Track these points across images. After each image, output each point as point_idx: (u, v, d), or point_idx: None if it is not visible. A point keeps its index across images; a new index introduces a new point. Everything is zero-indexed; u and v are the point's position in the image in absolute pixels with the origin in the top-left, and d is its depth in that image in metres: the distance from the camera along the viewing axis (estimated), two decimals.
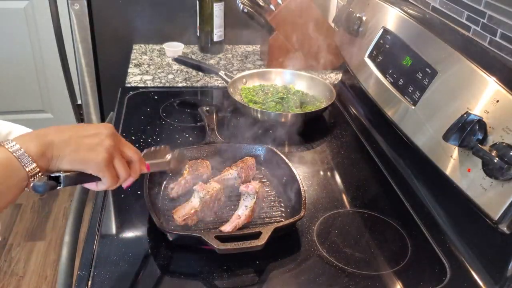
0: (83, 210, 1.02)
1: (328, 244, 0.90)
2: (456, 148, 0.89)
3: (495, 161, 0.77)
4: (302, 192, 0.94)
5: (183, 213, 0.88)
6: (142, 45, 1.85)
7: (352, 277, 0.83)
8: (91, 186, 0.75)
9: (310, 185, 1.08)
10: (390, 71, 1.19)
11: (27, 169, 0.64)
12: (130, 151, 0.75)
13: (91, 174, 0.70)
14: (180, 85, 1.54)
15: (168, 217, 0.91)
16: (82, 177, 0.71)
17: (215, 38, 1.78)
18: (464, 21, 1.08)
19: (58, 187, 0.69)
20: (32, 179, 0.65)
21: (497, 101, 0.83)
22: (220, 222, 0.92)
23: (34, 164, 0.64)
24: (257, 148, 1.11)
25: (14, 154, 0.63)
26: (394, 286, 0.84)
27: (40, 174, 0.65)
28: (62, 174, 0.68)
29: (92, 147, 0.70)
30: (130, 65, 1.66)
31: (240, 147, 1.11)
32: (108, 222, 0.92)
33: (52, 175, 0.68)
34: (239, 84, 1.45)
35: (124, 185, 0.76)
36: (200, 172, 1.00)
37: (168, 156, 0.87)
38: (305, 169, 1.15)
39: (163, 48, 1.77)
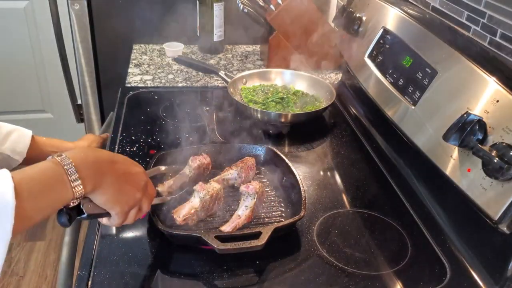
0: None
1: (328, 244, 0.90)
2: (456, 148, 0.89)
3: (495, 161, 0.77)
4: (302, 192, 0.94)
5: (183, 213, 0.88)
6: (142, 45, 1.85)
7: (352, 277, 0.83)
8: (103, 221, 0.77)
9: (310, 185, 1.08)
10: (390, 71, 1.19)
11: (74, 191, 0.64)
12: (146, 204, 0.79)
13: (106, 213, 0.73)
14: (180, 85, 1.54)
15: (168, 217, 0.91)
16: (99, 214, 0.73)
17: (215, 38, 1.78)
18: (464, 21, 1.08)
19: (74, 220, 0.70)
20: (73, 201, 0.65)
21: (497, 101, 0.83)
22: (220, 222, 0.92)
23: (82, 188, 0.64)
24: (257, 148, 1.11)
25: (66, 171, 0.63)
26: (394, 286, 0.84)
27: (82, 195, 0.66)
28: (86, 214, 0.69)
29: (128, 194, 0.73)
30: (130, 65, 1.66)
31: (240, 147, 1.11)
32: None
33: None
34: (239, 84, 1.45)
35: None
36: (201, 164, 1.01)
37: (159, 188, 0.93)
38: (305, 169, 1.15)
39: (163, 48, 1.77)
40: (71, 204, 0.66)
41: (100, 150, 0.74)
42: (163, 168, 0.97)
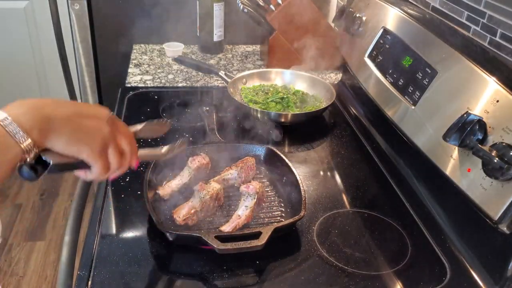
0: (83, 210, 1.02)
1: (328, 244, 0.90)
2: (456, 148, 0.89)
3: (495, 161, 0.77)
4: (302, 192, 0.94)
5: (183, 213, 0.88)
6: (142, 45, 1.85)
7: (352, 277, 0.83)
8: (79, 174, 0.70)
9: (310, 185, 1.08)
10: (390, 71, 1.19)
11: (22, 146, 0.58)
12: (125, 141, 0.71)
13: (81, 161, 0.65)
14: (180, 85, 1.54)
15: (168, 217, 0.91)
16: (71, 165, 0.66)
17: (215, 38, 1.78)
18: (464, 21, 1.08)
19: (43, 174, 0.63)
20: (27, 155, 0.59)
21: (497, 101, 0.83)
22: (220, 222, 0.92)
23: (30, 140, 0.58)
24: (257, 148, 1.11)
25: (6, 128, 0.57)
26: (394, 286, 0.84)
27: (36, 150, 0.60)
28: (51, 161, 0.62)
29: (90, 130, 0.65)
30: (130, 65, 1.66)
31: (240, 147, 1.11)
32: (108, 222, 0.92)
33: (36, 161, 0.62)
34: (239, 84, 1.45)
35: (111, 177, 0.72)
36: (201, 164, 1.01)
37: (164, 148, 0.84)
38: (305, 169, 1.15)
39: (163, 48, 1.77)
40: (27, 159, 0.60)
41: (39, 99, 0.65)
42: (139, 127, 0.85)
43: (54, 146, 0.62)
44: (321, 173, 1.16)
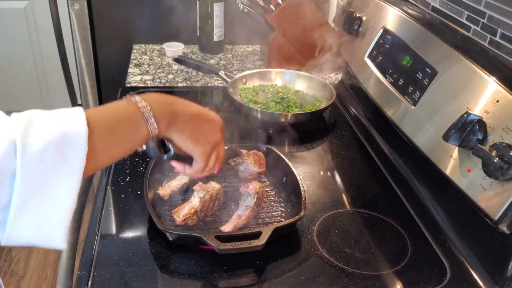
0: (83, 210, 1.02)
1: (328, 244, 0.90)
2: (456, 148, 0.89)
3: (495, 161, 0.77)
4: (302, 192, 0.94)
5: (183, 213, 0.88)
6: (142, 45, 1.85)
7: (352, 277, 0.83)
8: (178, 167, 0.79)
9: (310, 185, 1.08)
10: (390, 71, 1.19)
11: (150, 128, 0.65)
12: (222, 149, 0.80)
13: (189, 157, 0.75)
14: (180, 85, 1.54)
15: (168, 217, 0.91)
16: (182, 157, 0.76)
17: (215, 38, 1.78)
18: (464, 21, 1.08)
19: (164, 157, 0.73)
20: (151, 138, 0.67)
21: (497, 101, 0.83)
22: (220, 222, 0.92)
23: (156, 127, 0.66)
24: (257, 148, 1.11)
25: (141, 109, 0.65)
26: (394, 286, 0.84)
27: (156, 137, 0.68)
28: (172, 149, 0.72)
29: (207, 134, 0.74)
30: (130, 65, 1.66)
31: (240, 147, 1.11)
32: (108, 222, 0.92)
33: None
34: (239, 84, 1.45)
35: (200, 176, 0.84)
36: None
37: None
38: (305, 169, 1.15)
39: (163, 48, 1.77)
40: (154, 139, 0.68)
41: (168, 95, 0.74)
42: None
43: (174, 138, 0.71)
44: (321, 173, 1.16)
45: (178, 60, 1.59)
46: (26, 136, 0.54)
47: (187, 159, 0.76)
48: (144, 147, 0.72)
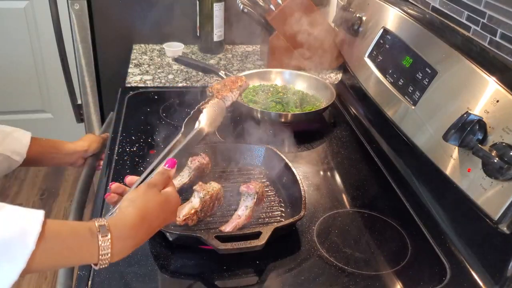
0: (83, 210, 1.02)
1: (328, 244, 0.90)
2: (456, 148, 0.89)
3: (495, 161, 0.77)
4: (302, 192, 0.94)
5: (183, 213, 0.88)
6: (142, 45, 1.85)
7: (352, 277, 0.83)
8: None
9: (310, 185, 1.08)
10: (390, 71, 1.19)
11: (99, 263, 0.63)
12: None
13: None
14: (180, 85, 1.54)
15: None
16: None
17: (215, 38, 1.77)
18: (464, 21, 1.08)
19: None
20: (95, 266, 0.65)
21: (497, 101, 0.83)
22: (220, 222, 0.92)
23: (107, 262, 0.64)
24: (257, 148, 1.11)
25: (100, 250, 0.62)
26: (394, 286, 0.84)
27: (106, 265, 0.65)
28: None
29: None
30: (130, 65, 1.66)
31: (240, 147, 1.11)
32: None
33: None
34: None
35: None
36: (201, 164, 1.01)
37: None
38: (305, 169, 1.15)
39: (163, 48, 1.77)
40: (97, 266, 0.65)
41: (142, 205, 0.70)
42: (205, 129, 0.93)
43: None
44: (321, 173, 1.16)
45: (178, 60, 1.59)
46: None
47: None
48: None
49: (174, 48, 1.74)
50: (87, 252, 0.62)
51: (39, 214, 0.57)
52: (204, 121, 0.93)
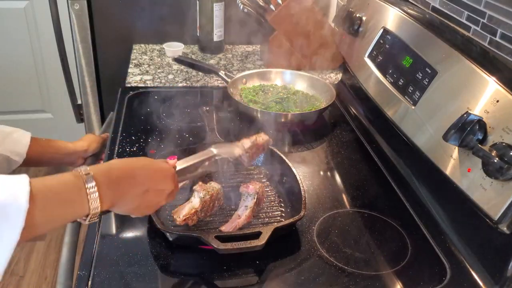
0: None
1: (328, 244, 0.90)
2: (456, 148, 0.89)
3: (495, 161, 0.77)
4: (302, 192, 0.94)
5: (183, 213, 0.88)
6: (142, 45, 1.85)
7: (352, 277, 0.83)
8: None
9: (310, 185, 1.08)
10: (390, 71, 1.19)
11: (90, 207, 0.65)
12: (171, 199, 0.81)
13: None
14: (180, 85, 1.54)
15: (168, 217, 0.91)
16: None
17: (215, 38, 1.78)
18: (464, 21, 1.08)
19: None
20: (87, 218, 0.66)
21: (497, 101, 0.83)
22: (220, 222, 0.92)
23: (99, 205, 0.65)
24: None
25: (87, 189, 0.64)
26: (394, 286, 0.84)
27: (96, 218, 0.67)
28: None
29: (150, 205, 0.76)
30: (130, 65, 1.66)
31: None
32: (108, 222, 0.92)
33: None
34: (239, 84, 1.45)
35: None
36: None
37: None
38: (305, 169, 1.15)
39: (163, 48, 1.77)
40: (84, 219, 0.67)
41: (124, 163, 0.73)
42: (215, 151, 0.92)
43: (113, 210, 0.72)
44: (321, 173, 1.16)
45: (178, 60, 1.59)
46: None
47: None
48: None
49: (174, 48, 1.75)
50: (78, 202, 0.63)
51: (23, 176, 0.58)
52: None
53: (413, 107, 1.07)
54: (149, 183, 0.74)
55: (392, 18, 1.24)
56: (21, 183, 0.57)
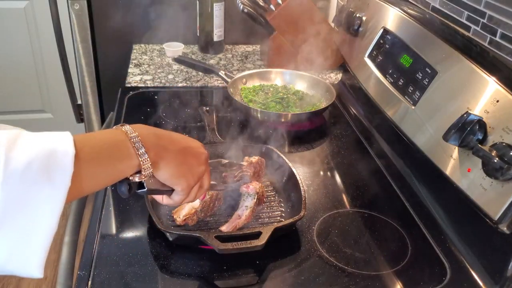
0: (83, 210, 1.02)
1: (328, 244, 0.90)
2: (456, 148, 0.89)
3: (495, 161, 0.77)
4: (302, 192, 0.94)
5: (183, 213, 0.88)
6: (142, 45, 1.85)
7: (352, 277, 0.83)
8: (157, 197, 0.77)
9: (310, 185, 1.08)
10: (390, 71, 1.19)
11: (140, 159, 0.62)
12: (207, 180, 0.77)
13: (170, 189, 0.72)
14: (180, 85, 1.54)
15: (168, 217, 0.91)
16: (159, 191, 0.71)
17: (215, 38, 1.78)
18: (464, 21, 1.08)
19: (131, 193, 0.67)
20: (141, 171, 0.63)
21: (497, 101, 0.83)
22: (220, 222, 0.92)
23: (147, 157, 0.63)
24: (257, 148, 1.11)
25: (131, 139, 0.62)
26: (394, 286, 0.84)
27: (151, 171, 0.64)
28: (146, 188, 0.67)
29: (192, 168, 0.72)
30: (130, 65, 1.66)
31: (240, 147, 1.11)
32: (108, 222, 0.92)
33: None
34: (239, 84, 1.45)
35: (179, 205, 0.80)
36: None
37: (230, 184, 0.93)
38: (305, 169, 1.15)
39: (163, 48, 1.77)
40: (135, 179, 0.64)
41: (154, 127, 0.72)
42: (225, 161, 0.96)
43: (159, 174, 0.68)
44: (321, 173, 1.16)
45: (178, 60, 1.59)
46: (10, 150, 0.50)
47: (165, 192, 0.73)
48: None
49: (174, 48, 1.75)
50: (124, 150, 0.62)
51: (65, 132, 0.57)
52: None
53: (413, 107, 1.07)
54: (185, 141, 0.73)
55: (392, 18, 1.24)
56: (64, 134, 0.56)
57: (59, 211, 0.53)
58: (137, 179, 0.64)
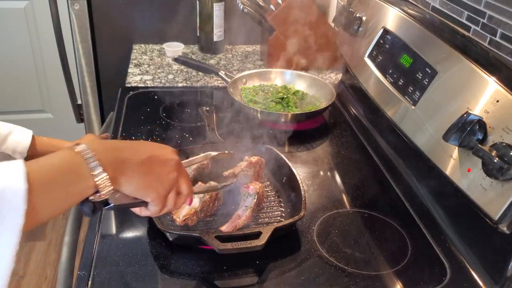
0: None
1: (328, 244, 0.90)
2: (456, 148, 0.89)
3: (495, 161, 0.77)
4: (302, 192, 0.94)
5: (183, 213, 0.88)
6: (142, 45, 1.85)
7: (352, 277, 0.83)
8: (134, 210, 0.74)
9: (310, 185, 1.08)
10: (390, 71, 1.19)
11: (96, 179, 0.59)
12: (185, 184, 0.73)
13: (141, 201, 0.68)
14: (180, 85, 1.54)
15: (168, 217, 0.91)
16: (130, 204, 0.69)
17: (215, 38, 1.78)
18: (464, 21, 1.08)
19: (98, 212, 0.64)
20: (99, 191, 0.61)
21: (497, 101, 0.83)
22: (220, 222, 0.92)
23: (105, 174, 0.60)
24: (257, 148, 1.11)
25: (86, 160, 0.59)
26: (394, 286, 0.84)
27: (111, 189, 0.61)
28: (112, 204, 0.65)
29: (160, 176, 0.68)
30: (130, 65, 1.66)
31: (240, 147, 1.11)
32: (108, 222, 0.92)
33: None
34: (239, 84, 1.45)
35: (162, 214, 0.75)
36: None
37: (219, 184, 0.90)
38: (305, 169, 1.15)
39: (163, 48, 1.77)
40: (95, 198, 0.61)
41: (116, 140, 0.69)
42: (214, 153, 0.92)
43: (123, 189, 0.64)
44: (321, 173, 1.16)
45: (178, 60, 1.59)
46: None
47: (138, 204, 0.69)
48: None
49: (174, 48, 1.75)
50: (79, 172, 0.59)
51: (18, 161, 0.54)
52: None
53: (413, 107, 1.07)
54: (151, 149, 0.70)
55: (392, 18, 1.24)
56: (16, 166, 0.54)
57: (13, 250, 0.53)
58: (97, 199, 0.61)
